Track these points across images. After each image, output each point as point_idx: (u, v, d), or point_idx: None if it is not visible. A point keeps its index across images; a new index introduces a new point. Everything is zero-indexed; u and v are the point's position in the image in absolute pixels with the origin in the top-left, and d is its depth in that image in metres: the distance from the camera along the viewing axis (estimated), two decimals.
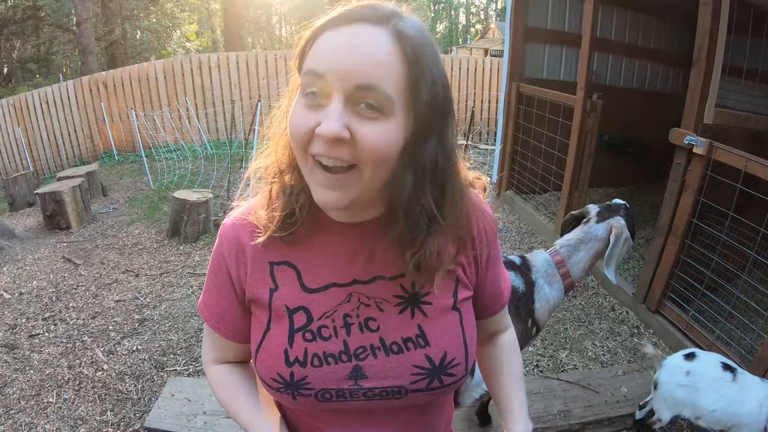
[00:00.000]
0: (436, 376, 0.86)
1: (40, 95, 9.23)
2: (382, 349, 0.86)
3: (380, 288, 0.87)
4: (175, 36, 24.43)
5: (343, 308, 0.86)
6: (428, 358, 0.86)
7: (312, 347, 0.85)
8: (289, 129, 0.75)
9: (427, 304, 0.87)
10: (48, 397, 3.00)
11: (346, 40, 0.70)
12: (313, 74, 0.70)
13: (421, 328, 0.86)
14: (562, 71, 5.70)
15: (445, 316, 0.88)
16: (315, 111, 0.71)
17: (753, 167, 2.61)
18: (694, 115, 2.98)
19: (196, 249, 5.07)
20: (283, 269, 0.88)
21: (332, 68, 0.69)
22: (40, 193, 5.78)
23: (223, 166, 7.51)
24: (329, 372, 0.84)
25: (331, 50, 0.70)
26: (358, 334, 0.86)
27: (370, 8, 0.72)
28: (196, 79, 10.03)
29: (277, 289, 0.87)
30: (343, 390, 0.85)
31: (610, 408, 2.68)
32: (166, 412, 2.64)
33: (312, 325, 0.86)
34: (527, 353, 3.27)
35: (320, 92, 0.71)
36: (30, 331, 3.70)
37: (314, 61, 0.71)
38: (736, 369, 2.19)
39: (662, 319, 3.41)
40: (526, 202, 5.52)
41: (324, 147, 0.71)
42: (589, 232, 2.19)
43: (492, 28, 31.52)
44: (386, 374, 0.85)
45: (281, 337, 0.86)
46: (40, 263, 4.88)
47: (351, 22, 0.71)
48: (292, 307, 0.87)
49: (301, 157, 0.76)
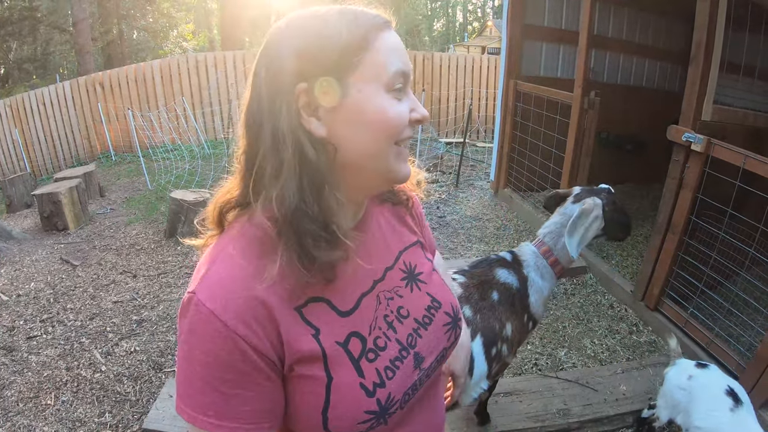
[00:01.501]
0: (456, 325, 0.99)
1: (37, 96, 9.21)
2: (421, 327, 0.92)
3: (391, 278, 0.93)
4: (172, 36, 24.40)
5: (380, 312, 0.88)
6: (447, 314, 0.98)
7: (380, 363, 0.83)
8: (388, 123, 0.78)
9: (420, 273, 0.98)
10: (46, 399, 2.99)
11: (399, 42, 0.81)
12: (403, 72, 0.79)
13: (430, 294, 0.97)
14: (560, 69, 5.69)
15: (433, 277, 1.01)
16: (402, 102, 0.80)
17: (751, 164, 2.60)
18: (692, 112, 2.97)
19: (193, 249, 5.03)
20: (312, 308, 0.79)
21: (408, 66, 0.81)
22: (37, 194, 5.76)
23: (221, 166, 7.49)
24: (403, 374, 0.86)
25: (399, 51, 0.80)
26: (401, 326, 0.90)
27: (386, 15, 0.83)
28: (193, 79, 10.01)
29: (319, 332, 0.79)
30: (415, 383, 0.88)
31: (609, 406, 2.68)
32: (164, 414, 2.63)
33: (368, 344, 0.84)
34: (525, 351, 3.27)
35: (404, 85, 0.80)
36: (28, 333, 3.69)
37: (399, 61, 0.79)
38: (741, 401, 2.03)
39: (661, 316, 3.40)
40: (524, 200, 5.51)
41: (413, 130, 0.84)
42: (565, 213, 2.16)
43: (489, 25, 31.46)
44: (433, 346, 0.93)
45: (350, 376, 0.79)
46: (38, 265, 4.87)
47: (389, 26, 0.81)
48: (343, 340, 0.81)
49: (386, 148, 0.80)
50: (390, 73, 0.77)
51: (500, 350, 1.98)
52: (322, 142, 0.76)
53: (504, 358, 2.02)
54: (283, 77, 0.75)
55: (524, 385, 2.83)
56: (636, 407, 2.67)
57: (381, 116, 0.77)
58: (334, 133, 0.76)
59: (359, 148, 0.78)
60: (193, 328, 0.72)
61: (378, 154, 0.79)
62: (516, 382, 2.86)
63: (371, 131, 0.77)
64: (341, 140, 0.77)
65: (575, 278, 4.15)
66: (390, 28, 0.81)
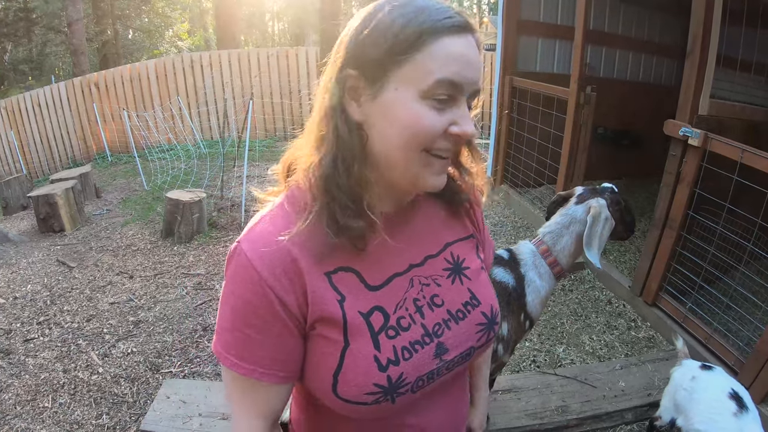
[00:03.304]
0: (491, 328, 0.97)
1: (32, 98, 9.19)
2: (452, 320, 0.91)
3: (432, 266, 0.93)
4: (168, 35, 24.29)
5: (411, 294, 0.89)
6: (484, 314, 0.96)
7: (399, 342, 0.85)
8: (416, 130, 0.77)
9: (467, 269, 0.97)
10: (44, 402, 2.98)
11: (466, 50, 0.76)
12: (450, 83, 0.75)
13: (471, 290, 0.96)
14: (556, 64, 5.68)
15: (480, 276, 1.00)
16: (443, 113, 0.77)
17: (749, 158, 2.59)
18: (689, 106, 2.97)
19: (190, 249, 5.05)
20: (341, 276, 0.84)
21: (464, 78, 0.76)
22: (33, 196, 5.75)
23: (216, 165, 7.48)
24: (420, 358, 0.86)
25: (464, 61, 0.76)
26: (430, 314, 0.90)
27: (466, 17, 0.78)
28: (189, 78, 9.98)
29: (345, 299, 0.83)
30: (432, 371, 0.88)
31: (608, 403, 2.67)
32: (161, 415, 2.61)
33: (391, 321, 0.86)
34: (524, 348, 3.26)
35: (449, 97, 0.76)
36: (25, 335, 3.67)
37: (447, 71, 0.75)
38: (746, 407, 1.95)
39: (659, 311, 3.40)
40: (521, 196, 5.50)
41: (452, 144, 0.80)
42: (568, 214, 2.14)
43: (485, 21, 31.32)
44: (461, 341, 0.92)
45: (366, 347, 0.83)
46: (34, 267, 4.85)
47: (468, 30, 0.77)
48: (366, 311, 0.84)
49: (413, 155, 0.79)
50: (431, 81, 0.75)
51: (496, 349, 1.97)
52: (357, 127, 0.80)
53: (500, 357, 2.01)
54: (339, 59, 0.79)
55: (522, 382, 2.82)
56: (635, 403, 2.66)
57: (410, 121, 0.76)
58: (368, 122, 0.79)
59: (386, 144, 0.79)
60: (233, 273, 0.81)
61: (404, 157, 0.79)
62: (514, 379, 2.85)
63: (398, 132, 0.77)
64: (372, 131, 0.79)
65: (573, 274, 4.14)
66: (465, 32, 0.77)
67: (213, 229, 5.49)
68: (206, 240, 5.23)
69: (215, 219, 5.66)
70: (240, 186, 6.57)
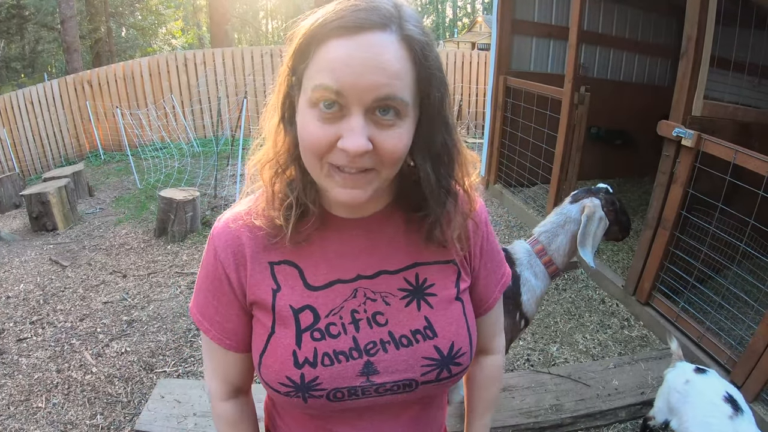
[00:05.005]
0: (445, 367, 0.87)
1: (25, 95, 9.10)
2: (392, 343, 0.86)
3: (385, 282, 0.88)
4: (161, 33, 24.19)
5: (350, 304, 0.86)
6: (437, 349, 0.87)
7: (322, 346, 0.84)
8: (304, 141, 0.74)
9: (432, 296, 0.89)
10: (37, 402, 2.96)
11: (359, 52, 0.67)
12: (327, 89, 0.68)
13: (428, 319, 0.88)
14: (550, 64, 5.70)
15: (450, 307, 0.90)
16: (331, 123, 0.70)
17: (741, 159, 2.61)
18: (683, 107, 2.98)
19: (183, 248, 5.03)
20: (283, 269, 0.86)
21: (350, 85, 0.67)
22: (26, 194, 5.70)
23: (210, 164, 7.45)
24: (341, 370, 0.83)
25: (344, 64, 0.67)
26: (367, 330, 0.86)
27: (372, 11, 0.69)
28: (182, 77, 9.93)
29: (279, 290, 0.86)
30: (355, 387, 0.84)
31: (602, 401, 2.69)
32: (156, 415, 2.61)
33: (320, 324, 0.85)
34: (518, 347, 3.27)
35: (337, 106, 0.70)
36: (18, 335, 3.65)
37: (327, 76, 0.68)
38: (741, 409, 1.97)
39: (652, 310, 3.42)
40: (515, 196, 5.52)
41: (347, 159, 0.71)
42: (563, 213, 2.16)
43: (479, 21, 31.46)
44: (397, 368, 0.86)
45: (288, 339, 0.84)
46: (27, 266, 4.83)
47: (358, 30, 0.68)
48: (297, 307, 0.85)
49: (314, 163, 0.75)
50: (309, 89, 0.71)
51: None
52: (294, 125, 0.78)
53: None
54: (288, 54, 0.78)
55: (516, 380, 2.83)
56: (628, 402, 2.68)
57: (300, 130, 0.75)
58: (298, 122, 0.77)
59: (302, 149, 0.76)
60: (208, 240, 0.90)
61: (309, 164, 0.77)
62: (508, 377, 2.86)
63: (300, 139, 0.76)
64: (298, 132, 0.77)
65: (567, 273, 4.16)
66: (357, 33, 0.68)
67: (206, 227, 5.47)
68: (200, 239, 5.22)
69: (209, 218, 5.64)
70: (234, 184, 6.56)
